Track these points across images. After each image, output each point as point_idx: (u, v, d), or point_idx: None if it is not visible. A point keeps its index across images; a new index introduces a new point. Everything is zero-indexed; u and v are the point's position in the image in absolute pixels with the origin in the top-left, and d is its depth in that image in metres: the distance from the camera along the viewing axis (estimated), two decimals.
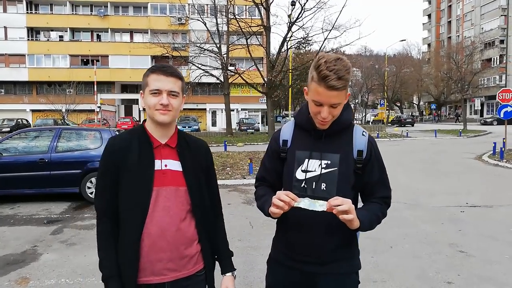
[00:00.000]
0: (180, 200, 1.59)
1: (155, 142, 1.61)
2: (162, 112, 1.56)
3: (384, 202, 1.67)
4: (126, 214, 1.55)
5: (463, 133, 27.04)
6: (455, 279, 3.88)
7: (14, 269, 4.26)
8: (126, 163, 1.56)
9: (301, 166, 1.62)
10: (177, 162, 1.62)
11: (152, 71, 1.59)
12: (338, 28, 21.53)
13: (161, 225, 1.54)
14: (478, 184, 9.17)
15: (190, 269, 1.62)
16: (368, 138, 1.66)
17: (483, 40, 47.92)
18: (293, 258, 1.66)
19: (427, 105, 64.13)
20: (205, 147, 1.79)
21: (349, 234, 1.64)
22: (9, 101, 41.77)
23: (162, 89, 1.55)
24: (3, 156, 7.48)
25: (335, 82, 1.45)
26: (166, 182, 1.57)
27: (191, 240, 1.62)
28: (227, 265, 1.77)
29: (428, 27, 72.34)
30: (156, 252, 1.54)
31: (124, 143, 1.60)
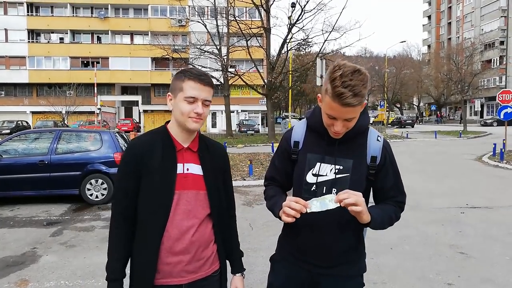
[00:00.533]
0: (200, 204, 1.61)
1: (178, 146, 1.61)
2: (195, 120, 1.56)
3: (400, 207, 1.64)
4: (147, 217, 1.56)
5: (463, 134, 27.04)
6: (455, 280, 3.87)
7: (13, 271, 4.26)
8: (148, 165, 1.56)
9: (312, 169, 1.59)
10: (198, 166, 1.63)
11: (189, 77, 1.56)
12: (338, 29, 21.56)
13: (181, 228, 1.56)
14: (478, 185, 9.16)
15: (207, 270, 1.65)
16: (383, 143, 1.62)
17: (483, 41, 47.86)
18: (301, 259, 1.65)
19: (427, 106, 64.14)
20: (223, 150, 1.81)
21: (358, 236, 1.64)
22: (9, 103, 41.83)
23: (199, 97, 1.55)
24: (3, 158, 7.48)
25: (351, 99, 1.37)
26: (187, 186, 1.59)
27: (208, 241, 1.65)
28: (238, 266, 1.80)
29: (428, 29, 72.40)
30: (175, 255, 1.56)
31: (147, 145, 1.60)
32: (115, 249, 1.58)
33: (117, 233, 1.59)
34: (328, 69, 1.53)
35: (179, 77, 1.58)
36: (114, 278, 1.57)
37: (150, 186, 1.55)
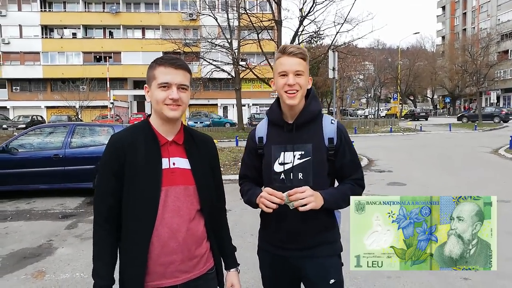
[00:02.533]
0: (189, 200, 1.53)
1: (161, 139, 1.53)
2: (172, 107, 1.48)
3: (357, 183, 1.75)
4: (133, 217, 1.46)
5: (479, 126, 26.55)
6: (471, 275, 3.81)
7: (30, 262, 4.34)
8: (131, 162, 1.47)
9: (278, 159, 1.73)
10: (185, 160, 1.55)
11: (159, 63, 1.50)
12: (350, 21, 21.25)
13: (172, 227, 1.48)
14: (494, 178, 8.98)
15: (201, 268, 1.58)
16: (337, 125, 1.75)
17: (499, 32, 46.75)
18: (277, 246, 1.77)
19: (441, 99, 63.14)
20: (211, 142, 1.74)
21: (329, 219, 1.75)
22: (24, 98, 42.54)
23: (172, 82, 1.48)
24: (19, 152, 7.61)
25: (293, 49, 1.66)
26: (175, 181, 1.50)
27: (201, 239, 1.58)
28: (232, 261, 1.77)
29: (443, 19, 70.98)
30: (167, 255, 1.48)
31: (129, 140, 1.51)
32: (101, 253, 1.48)
33: (102, 236, 1.48)
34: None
35: (151, 66, 1.53)
36: (103, 284, 1.45)
37: (134, 184, 1.46)
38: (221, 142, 20.31)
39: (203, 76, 27.02)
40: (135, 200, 1.47)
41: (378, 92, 58.79)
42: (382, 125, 30.89)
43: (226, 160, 11.82)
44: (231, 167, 10.75)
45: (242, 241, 4.86)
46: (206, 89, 39.09)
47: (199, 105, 41.90)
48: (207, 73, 26.71)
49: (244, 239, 4.97)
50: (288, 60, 1.66)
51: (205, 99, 41.27)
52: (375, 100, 58.72)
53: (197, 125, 33.54)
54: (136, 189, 1.47)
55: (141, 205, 1.46)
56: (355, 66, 44.29)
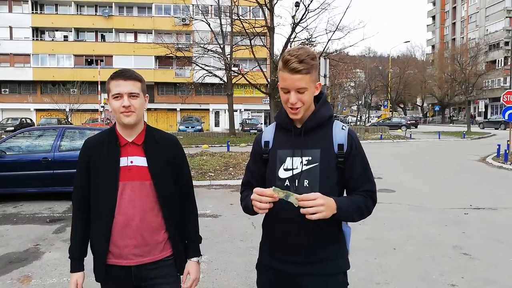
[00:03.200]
0: (145, 193, 1.74)
1: (122, 141, 1.77)
2: (126, 114, 1.70)
3: (369, 196, 1.63)
4: (97, 206, 1.75)
5: (467, 135, 26.90)
6: (459, 281, 3.84)
7: (16, 267, 4.27)
8: (96, 161, 1.75)
9: (283, 164, 1.63)
10: (143, 158, 1.76)
11: (112, 78, 1.73)
12: (342, 29, 21.48)
13: (127, 216, 1.72)
14: (482, 186, 9.10)
15: (156, 255, 1.78)
16: (348, 131, 1.65)
17: (487, 42, 47.64)
18: (279, 260, 1.66)
19: (431, 107, 63.87)
20: (174, 142, 1.88)
21: (336, 233, 1.64)
22: (13, 100, 41.94)
23: (122, 92, 1.69)
24: (6, 155, 7.51)
25: (296, 64, 1.50)
26: (131, 177, 1.73)
27: (157, 229, 1.77)
28: (193, 251, 1.89)
29: (433, 29, 72.06)
30: (122, 239, 1.73)
31: (96, 143, 1.80)
32: (74, 233, 1.82)
33: (75, 221, 1.82)
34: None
35: (107, 81, 1.74)
36: (72, 256, 1.82)
37: (98, 179, 1.74)
38: (212, 147, 20.27)
39: (195, 81, 27.01)
40: (99, 193, 1.75)
41: (369, 99, 59.29)
42: (373, 132, 31.11)
43: (217, 165, 11.79)
44: (222, 172, 10.73)
45: (231, 247, 4.84)
46: (198, 94, 38.97)
47: (190, 109, 41.79)
48: (199, 78, 26.71)
49: (234, 244, 4.95)
50: (290, 76, 1.51)
51: (197, 104, 41.15)
52: (365, 107, 59.21)
53: (188, 130, 33.42)
54: (99, 183, 1.74)
55: (103, 196, 1.73)
56: (346, 73, 44.62)
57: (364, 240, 5.09)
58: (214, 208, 7.01)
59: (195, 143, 22.11)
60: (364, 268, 4.16)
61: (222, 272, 4.05)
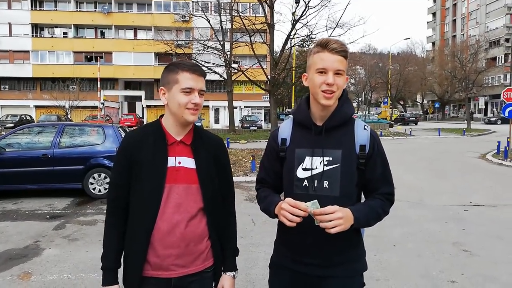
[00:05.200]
0: (192, 198, 1.59)
1: (170, 139, 1.61)
2: (193, 112, 1.58)
3: (387, 198, 1.61)
4: (138, 209, 1.58)
5: (467, 132, 26.89)
6: (458, 278, 3.85)
7: (16, 264, 4.27)
8: (140, 158, 1.58)
9: (302, 164, 1.57)
10: (191, 160, 1.61)
11: (183, 69, 1.57)
12: (342, 26, 21.49)
13: (171, 222, 1.55)
14: (482, 183, 9.11)
15: (199, 265, 1.62)
16: (371, 132, 1.61)
17: (488, 39, 47.56)
18: (297, 261, 1.61)
19: (431, 104, 63.89)
20: (221, 143, 1.76)
21: (355, 236, 1.61)
22: (13, 97, 41.91)
23: (196, 88, 1.57)
24: (6, 151, 7.50)
25: (337, 45, 1.49)
26: (178, 179, 1.58)
27: (201, 237, 1.62)
28: (230, 265, 1.73)
29: (433, 26, 71.92)
30: (165, 248, 1.55)
31: (138, 138, 1.62)
32: (109, 238, 1.62)
33: (110, 223, 1.63)
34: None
35: (171, 69, 1.59)
36: (107, 266, 1.60)
37: (141, 179, 1.57)
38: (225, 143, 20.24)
39: None
40: (140, 194, 1.57)
41: (369, 96, 59.27)
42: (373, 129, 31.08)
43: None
44: None
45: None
46: None
47: None
48: None
49: None
50: (330, 57, 1.48)
51: None
52: (365, 104, 59.18)
53: None
54: (142, 184, 1.57)
55: (145, 199, 1.56)
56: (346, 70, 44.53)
57: (364, 237, 5.08)
58: None
59: None
60: (367, 267, 4.16)
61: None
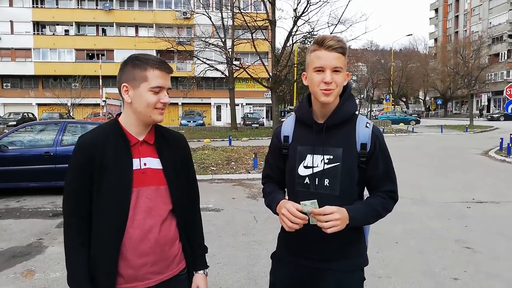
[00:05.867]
0: (161, 200, 1.51)
1: (132, 140, 1.50)
2: (161, 111, 1.49)
3: (389, 196, 1.61)
4: (103, 219, 1.44)
5: (470, 128, 26.80)
6: (461, 275, 3.84)
7: (19, 261, 4.29)
8: (101, 162, 1.44)
9: (303, 162, 1.59)
10: (157, 160, 1.52)
11: (153, 66, 1.46)
12: (344, 22, 21.49)
13: (144, 228, 1.46)
14: (484, 180, 9.08)
15: (174, 269, 1.56)
16: (373, 129, 1.59)
17: (490, 35, 47.31)
18: (298, 255, 1.65)
19: (433, 100, 63.67)
20: (184, 141, 1.69)
21: (355, 234, 1.63)
22: (15, 95, 41.98)
23: (165, 86, 1.48)
24: (9, 149, 7.52)
25: (334, 42, 1.49)
26: (146, 181, 1.48)
27: (173, 239, 1.56)
28: (200, 263, 1.69)
29: (435, 22, 71.56)
30: (139, 257, 1.46)
31: (98, 140, 1.47)
32: (76, 258, 1.45)
33: (74, 239, 1.46)
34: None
35: (138, 65, 1.46)
36: (79, 286, 1.42)
37: (104, 186, 1.43)
38: (214, 141, 20.26)
39: (197, 75, 26.95)
40: (105, 202, 1.44)
41: (371, 93, 59.09)
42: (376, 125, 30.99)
43: (219, 160, 11.80)
44: (224, 167, 10.73)
45: (233, 240, 4.85)
46: (199, 88, 38.98)
47: (192, 104, 41.75)
48: (200, 72, 26.65)
49: (236, 238, 4.96)
50: (326, 54, 1.48)
51: (199, 98, 41.16)
52: (367, 101, 59.00)
53: (190, 124, 33.40)
54: (106, 190, 1.44)
55: (111, 206, 1.43)
56: (348, 67, 44.41)
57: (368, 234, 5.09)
58: (216, 202, 7.01)
59: (196, 137, 22.10)
60: (368, 262, 4.16)
61: (225, 266, 4.06)
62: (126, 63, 1.50)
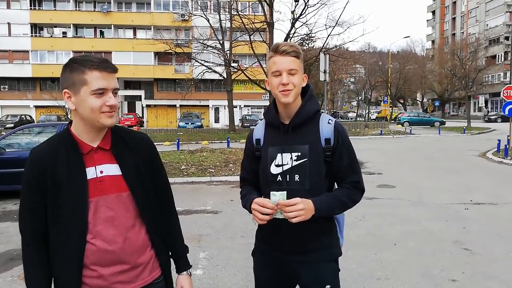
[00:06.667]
0: (124, 207, 1.43)
1: (84, 148, 1.41)
2: (109, 114, 1.38)
3: (354, 186, 1.71)
4: (61, 235, 1.37)
5: (467, 130, 26.88)
6: (459, 277, 3.85)
7: (17, 264, 4.27)
8: (52, 175, 1.37)
9: (274, 161, 1.71)
10: (115, 165, 1.44)
11: (92, 67, 1.35)
12: (341, 24, 21.38)
13: (106, 238, 1.39)
14: (482, 181, 9.10)
15: (145, 278, 1.49)
16: (334, 125, 1.71)
17: (487, 37, 47.49)
18: (274, 249, 1.75)
19: (431, 102, 63.86)
20: (147, 141, 1.59)
21: (327, 224, 1.73)
22: (12, 97, 41.91)
23: (109, 88, 1.37)
24: (6, 151, 7.49)
25: (286, 47, 1.62)
26: (104, 190, 1.40)
27: (143, 247, 1.48)
28: (183, 264, 1.64)
29: (432, 24, 71.85)
30: (105, 267, 1.39)
31: (48, 152, 1.40)
32: (35, 279, 1.40)
33: (32, 259, 1.40)
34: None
35: (75, 68, 1.36)
36: None
37: (58, 199, 1.36)
38: (212, 143, 20.25)
39: (195, 77, 26.95)
40: (61, 216, 1.37)
41: (369, 95, 59.25)
42: (373, 127, 31.09)
43: (217, 161, 11.79)
44: (222, 169, 10.72)
45: (232, 243, 4.84)
46: (197, 90, 38.95)
47: (190, 106, 41.77)
48: (198, 74, 26.65)
49: (235, 240, 4.95)
50: (281, 59, 1.62)
51: (197, 100, 41.16)
52: (365, 103, 59.14)
53: (188, 126, 33.38)
54: (61, 204, 1.37)
55: (68, 220, 1.37)
56: (346, 69, 44.52)
57: (365, 236, 5.09)
58: (215, 204, 7.00)
59: (195, 140, 22.09)
60: (365, 264, 4.17)
61: (223, 268, 4.05)
62: (65, 68, 1.41)
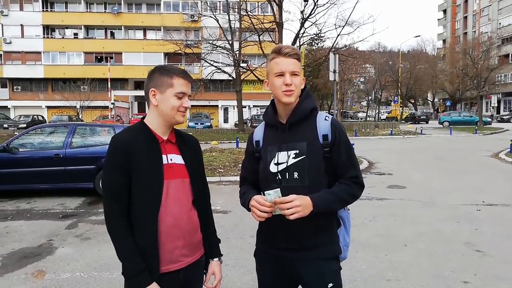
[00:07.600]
0: (186, 191, 1.72)
1: (159, 138, 1.72)
2: (183, 114, 1.73)
3: (353, 182, 1.71)
4: (140, 208, 1.62)
5: (479, 130, 26.54)
6: (471, 278, 3.80)
7: (30, 262, 4.34)
8: (135, 158, 1.63)
9: (273, 160, 1.74)
10: (179, 156, 1.75)
11: (178, 75, 1.70)
12: (351, 24, 21.30)
13: (174, 215, 1.66)
14: (495, 182, 8.98)
15: (197, 254, 1.76)
16: (331, 121, 1.73)
17: (500, 36, 46.76)
18: (275, 247, 1.76)
19: (442, 102, 63.15)
20: (197, 143, 1.92)
21: (326, 221, 1.73)
22: (25, 97, 42.56)
23: (187, 93, 1.73)
24: (19, 151, 7.62)
25: (289, 49, 1.69)
26: (173, 174, 1.69)
27: (196, 227, 1.76)
28: (216, 251, 1.88)
29: (444, 23, 71.03)
30: (172, 241, 1.65)
31: (131, 139, 1.67)
32: (126, 243, 1.59)
33: (121, 226, 1.60)
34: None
35: (165, 73, 1.69)
36: (141, 268, 1.56)
37: (140, 179, 1.62)
38: (221, 143, 20.31)
39: (204, 77, 27.04)
40: (141, 192, 1.62)
41: (379, 95, 58.75)
42: (383, 127, 30.86)
43: (227, 162, 11.81)
44: (231, 169, 10.75)
45: (242, 242, 4.86)
46: (206, 90, 39.11)
47: (199, 106, 41.90)
48: (208, 74, 26.72)
49: (244, 240, 4.97)
50: (284, 60, 1.68)
51: (206, 100, 41.28)
52: (375, 103, 58.71)
53: (197, 126, 33.51)
54: (142, 182, 1.62)
55: (146, 196, 1.62)
56: (356, 68, 44.33)
57: (375, 237, 5.07)
58: (224, 204, 7.03)
59: (204, 140, 22.17)
60: (375, 265, 4.15)
61: (233, 268, 4.07)
62: (154, 72, 1.73)
